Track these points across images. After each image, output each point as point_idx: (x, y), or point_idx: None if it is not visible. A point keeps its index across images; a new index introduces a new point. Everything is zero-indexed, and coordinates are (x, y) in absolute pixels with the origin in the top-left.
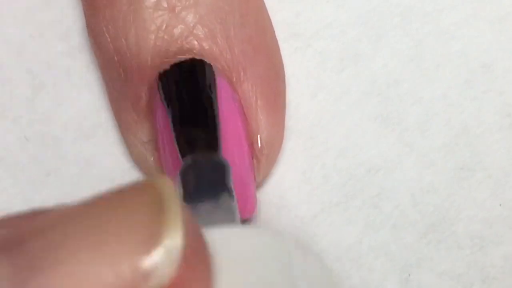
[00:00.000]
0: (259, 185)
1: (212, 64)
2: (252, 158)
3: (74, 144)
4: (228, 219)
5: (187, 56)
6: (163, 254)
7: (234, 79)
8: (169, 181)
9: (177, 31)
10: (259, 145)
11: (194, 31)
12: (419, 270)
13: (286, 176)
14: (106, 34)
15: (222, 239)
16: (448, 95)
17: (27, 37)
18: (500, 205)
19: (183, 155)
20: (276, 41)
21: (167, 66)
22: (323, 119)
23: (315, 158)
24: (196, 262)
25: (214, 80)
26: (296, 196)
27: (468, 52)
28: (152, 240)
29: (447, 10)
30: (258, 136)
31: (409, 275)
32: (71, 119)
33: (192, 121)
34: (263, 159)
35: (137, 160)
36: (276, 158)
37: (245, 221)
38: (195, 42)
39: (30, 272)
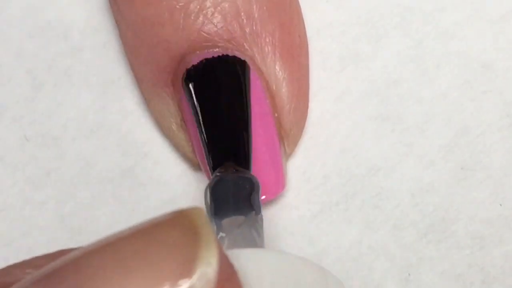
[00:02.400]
0: (289, 157)
1: (245, 58)
2: (279, 133)
3: (74, 144)
4: (253, 237)
5: (209, 38)
6: (199, 279)
7: (259, 61)
8: (201, 209)
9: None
10: (285, 119)
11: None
12: (419, 270)
13: (286, 176)
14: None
15: (254, 262)
16: (448, 95)
17: (27, 37)
18: (500, 205)
19: (213, 167)
20: (299, 12)
21: (193, 58)
22: (323, 119)
23: (315, 158)
24: (229, 286)
25: (249, 80)
26: (296, 196)
27: (468, 52)
28: (188, 264)
29: (447, 10)
30: (284, 109)
31: (409, 275)
32: (71, 119)
33: (225, 132)
34: (290, 133)
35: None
36: (302, 131)
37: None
38: (214, 29)
39: None
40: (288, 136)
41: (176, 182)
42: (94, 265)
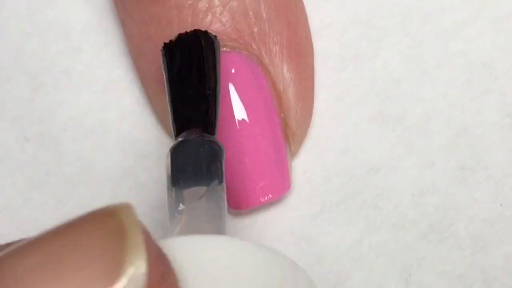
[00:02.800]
0: (293, 157)
1: (230, 43)
2: (285, 133)
3: (73, 144)
4: (215, 208)
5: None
6: (126, 283)
7: (267, 60)
8: (130, 207)
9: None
10: (292, 119)
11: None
12: (419, 270)
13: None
14: None
15: (200, 249)
16: (449, 95)
17: (27, 37)
18: (500, 205)
19: (177, 133)
20: (304, 12)
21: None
22: (323, 119)
23: (315, 158)
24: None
25: (219, 54)
26: (296, 196)
27: (468, 52)
28: (115, 269)
29: (447, 10)
30: (291, 110)
31: (409, 275)
32: (70, 119)
33: (189, 98)
34: (296, 132)
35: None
36: (307, 131)
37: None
38: (222, 27)
39: None
40: (294, 136)
41: None
42: (10, 269)
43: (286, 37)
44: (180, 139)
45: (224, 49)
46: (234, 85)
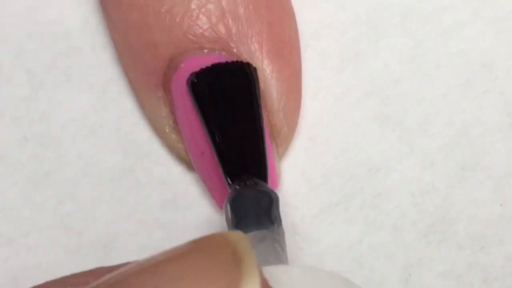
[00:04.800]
0: (282, 157)
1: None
2: (271, 132)
3: (74, 144)
4: (277, 250)
5: (195, 40)
6: None
7: (247, 59)
8: (243, 235)
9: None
10: (275, 117)
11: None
12: (419, 270)
13: (286, 176)
14: None
15: (288, 279)
16: (449, 95)
17: (27, 37)
18: (500, 205)
19: (230, 180)
20: (291, 12)
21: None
22: (323, 119)
23: (315, 158)
24: None
25: (259, 88)
26: (296, 196)
27: (468, 52)
28: None
29: (447, 10)
30: (273, 108)
31: (409, 275)
32: (70, 119)
33: (240, 143)
34: (281, 131)
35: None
36: (294, 131)
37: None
38: (199, 30)
39: None
40: (279, 135)
41: (176, 182)
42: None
43: (266, 36)
44: (236, 187)
45: (204, 51)
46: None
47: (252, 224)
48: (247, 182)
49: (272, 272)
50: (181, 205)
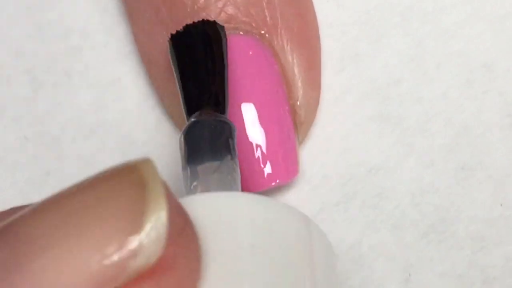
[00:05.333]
0: (301, 144)
1: (243, 30)
2: (294, 120)
3: (73, 144)
4: (229, 181)
5: (229, 19)
6: (148, 232)
7: (278, 47)
8: (150, 161)
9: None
10: (300, 106)
11: None
12: (419, 270)
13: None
14: None
15: (216, 206)
16: (449, 95)
17: (27, 37)
18: (500, 205)
19: (189, 114)
20: (313, 8)
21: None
22: (323, 119)
23: (315, 158)
24: (183, 239)
25: (225, 42)
26: (296, 196)
27: (468, 52)
28: (137, 220)
29: (447, 10)
30: (299, 97)
31: (409, 275)
32: (70, 119)
33: (198, 81)
34: (304, 120)
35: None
36: (313, 120)
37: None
38: (235, 10)
39: (18, 259)
40: (301, 123)
41: (176, 182)
42: (34, 227)
43: (296, 26)
44: (192, 119)
45: (238, 31)
46: (250, 67)
47: (205, 155)
48: (204, 114)
49: (194, 199)
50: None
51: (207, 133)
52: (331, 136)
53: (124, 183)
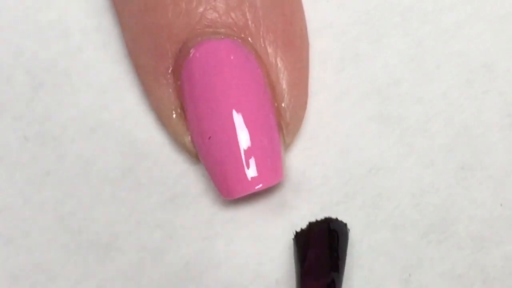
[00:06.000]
0: (287, 148)
1: (242, 41)
2: (279, 123)
3: (74, 144)
4: None
5: (211, 24)
6: None
7: (261, 49)
8: None
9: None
10: (285, 109)
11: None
12: (419, 270)
13: (286, 176)
14: None
15: None
16: (449, 95)
17: (27, 37)
18: (500, 205)
19: None
20: (301, 7)
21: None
22: (323, 119)
23: (315, 158)
24: None
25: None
26: (296, 196)
27: (468, 52)
28: None
29: (447, 10)
30: (284, 99)
31: (409, 275)
32: (70, 119)
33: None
34: (290, 122)
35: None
36: (301, 122)
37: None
38: (216, 14)
39: None
40: (287, 126)
41: (176, 182)
42: None
43: (280, 27)
44: None
45: (219, 36)
46: (232, 72)
47: None
48: None
49: None
50: (181, 205)
51: None
52: (331, 136)
53: None
